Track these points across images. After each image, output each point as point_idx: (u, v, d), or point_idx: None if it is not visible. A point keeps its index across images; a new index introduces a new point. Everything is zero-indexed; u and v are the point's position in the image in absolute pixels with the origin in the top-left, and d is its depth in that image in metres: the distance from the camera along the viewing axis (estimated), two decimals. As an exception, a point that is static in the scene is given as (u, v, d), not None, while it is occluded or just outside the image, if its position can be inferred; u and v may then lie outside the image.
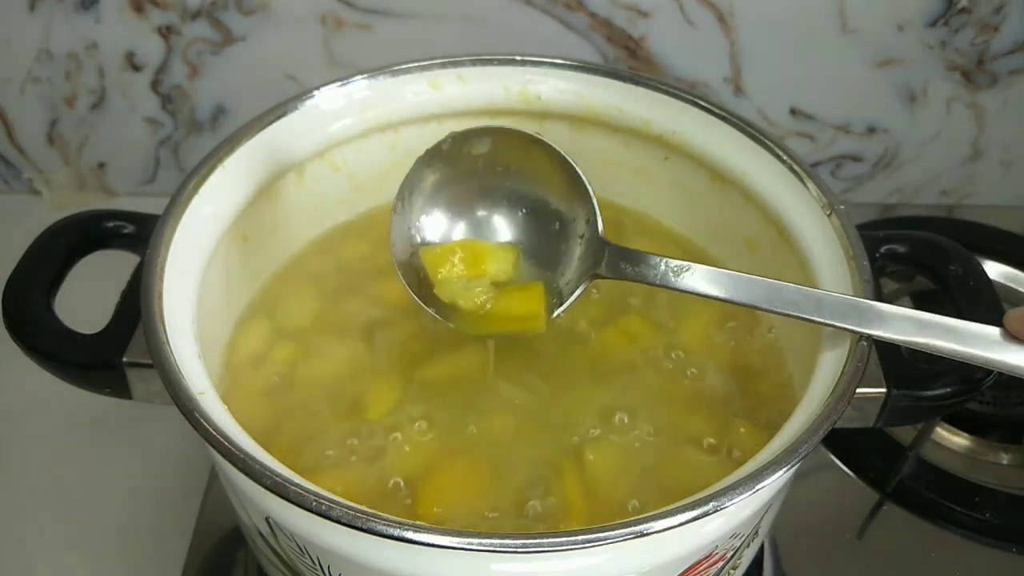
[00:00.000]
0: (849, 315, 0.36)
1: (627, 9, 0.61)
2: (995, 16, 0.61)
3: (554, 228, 0.41)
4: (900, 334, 0.36)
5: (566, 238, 0.40)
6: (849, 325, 0.36)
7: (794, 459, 0.33)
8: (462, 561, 0.31)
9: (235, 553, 0.49)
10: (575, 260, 0.39)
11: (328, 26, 0.62)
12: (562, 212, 0.40)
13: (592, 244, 0.39)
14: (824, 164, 0.70)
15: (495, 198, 0.41)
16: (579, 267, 0.39)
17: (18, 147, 0.69)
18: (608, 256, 0.38)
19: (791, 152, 0.44)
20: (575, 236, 0.40)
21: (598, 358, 0.44)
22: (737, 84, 0.65)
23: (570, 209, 0.40)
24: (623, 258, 0.38)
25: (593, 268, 0.38)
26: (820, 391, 0.36)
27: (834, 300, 0.37)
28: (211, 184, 0.41)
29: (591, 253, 0.38)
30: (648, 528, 0.30)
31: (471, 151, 0.40)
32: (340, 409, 0.42)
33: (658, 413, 0.42)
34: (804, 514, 0.51)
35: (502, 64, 0.49)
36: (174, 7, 0.61)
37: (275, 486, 0.31)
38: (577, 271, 0.39)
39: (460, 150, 0.40)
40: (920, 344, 0.35)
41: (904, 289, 0.61)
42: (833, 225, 0.41)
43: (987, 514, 0.52)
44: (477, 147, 0.40)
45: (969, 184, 0.72)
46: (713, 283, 0.37)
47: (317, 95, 0.46)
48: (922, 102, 0.66)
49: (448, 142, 0.40)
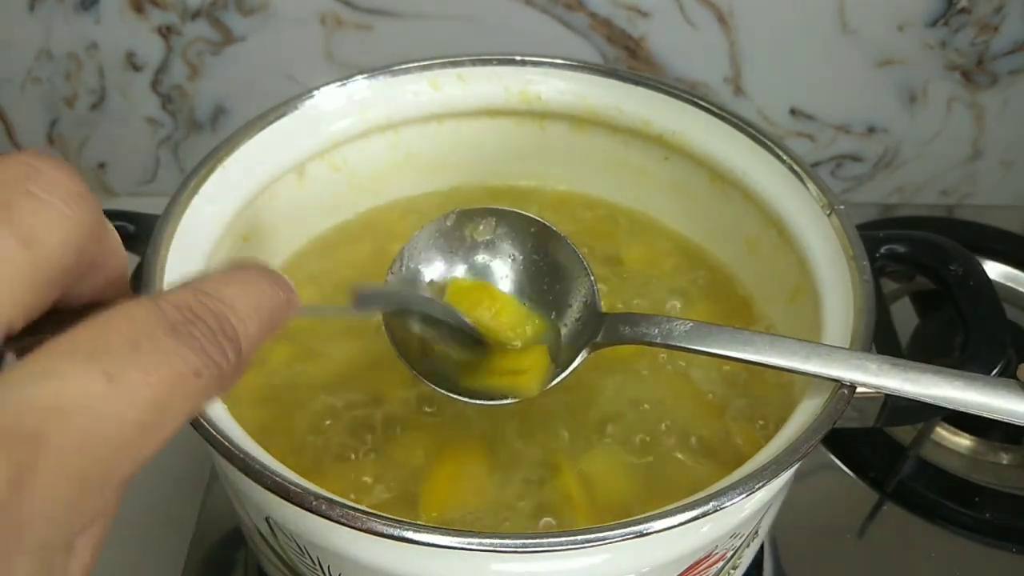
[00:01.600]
0: (855, 371, 0.35)
1: (627, 9, 0.61)
2: (995, 16, 0.61)
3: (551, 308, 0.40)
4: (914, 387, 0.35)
5: (562, 316, 0.40)
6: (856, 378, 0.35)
7: (794, 459, 0.33)
8: (462, 561, 0.31)
9: (235, 553, 0.49)
10: (573, 336, 0.39)
11: (328, 26, 0.62)
12: (560, 292, 0.40)
13: (590, 319, 0.39)
14: (824, 164, 0.70)
15: (493, 277, 0.41)
16: (577, 342, 0.38)
17: (18, 147, 0.69)
18: (606, 325, 0.38)
19: (791, 152, 0.44)
20: (573, 314, 0.39)
21: (598, 358, 0.44)
22: (737, 84, 0.65)
23: (569, 289, 0.40)
24: (622, 322, 0.38)
25: (591, 340, 0.38)
26: (821, 390, 0.36)
27: (839, 355, 0.35)
28: (211, 184, 0.41)
29: (589, 328, 0.38)
30: (648, 528, 0.30)
31: (473, 234, 0.40)
32: (340, 409, 0.42)
33: (658, 413, 0.42)
34: (804, 514, 0.51)
35: (502, 64, 0.49)
36: (174, 7, 0.61)
37: (275, 486, 0.31)
38: (575, 346, 0.38)
39: (463, 230, 0.40)
40: (935, 398, 0.34)
41: (904, 289, 0.61)
42: (833, 225, 0.41)
43: (987, 514, 0.52)
44: (480, 230, 0.40)
45: (969, 184, 0.72)
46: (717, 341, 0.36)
47: (317, 95, 0.46)
48: (922, 102, 0.66)
49: (452, 219, 0.40)
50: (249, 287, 0.22)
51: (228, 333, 0.20)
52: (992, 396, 0.34)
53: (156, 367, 0.18)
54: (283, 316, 0.24)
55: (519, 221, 0.40)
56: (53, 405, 0.16)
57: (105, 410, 0.17)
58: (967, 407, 0.34)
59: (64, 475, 0.17)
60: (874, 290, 0.38)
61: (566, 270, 0.40)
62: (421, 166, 0.51)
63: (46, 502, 0.16)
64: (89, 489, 0.17)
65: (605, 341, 0.38)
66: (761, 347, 0.36)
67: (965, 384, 0.34)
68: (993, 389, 0.34)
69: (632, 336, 0.37)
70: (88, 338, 0.18)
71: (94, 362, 0.17)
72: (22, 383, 0.17)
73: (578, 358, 0.38)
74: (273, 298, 0.23)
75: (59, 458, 0.16)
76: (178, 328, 0.19)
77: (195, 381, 0.19)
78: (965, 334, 0.41)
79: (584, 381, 0.43)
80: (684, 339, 0.36)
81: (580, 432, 0.41)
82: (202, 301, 0.20)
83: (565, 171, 0.52)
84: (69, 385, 0.17)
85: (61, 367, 0.17)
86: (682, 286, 0.48)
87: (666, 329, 0.37)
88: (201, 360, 0.19)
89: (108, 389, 0.17)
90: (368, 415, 0.41)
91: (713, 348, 0.36)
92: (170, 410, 0.18)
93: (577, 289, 0.39)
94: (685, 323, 0.36)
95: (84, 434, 0.17)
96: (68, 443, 0.17)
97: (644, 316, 0.37)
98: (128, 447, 0.18)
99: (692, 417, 0.42)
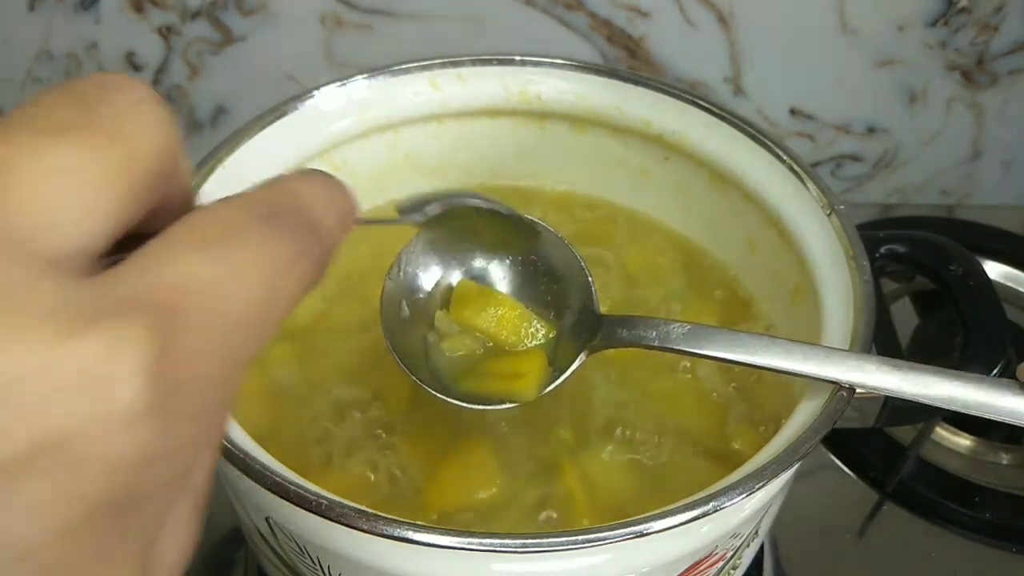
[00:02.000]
0: (852, 372, 0.35)
1: (627, 9, 0.61)
2: (995, 16, 0.61)
3: (549, 309, 0.40)
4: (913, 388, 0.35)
5: (560, 317, 0.40)
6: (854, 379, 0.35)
7: (794, 459, 0.33)
8: (462, 561, 0.31)
9: (235, 553, 0.49)
10: (571, 338, 0.39)
11: (328, 26, 0.62)
12: (559, 294, 0.40)
13: (588, 321, 0.38)
14: (824, 164, 0.70)
15: (491, 280, 0.41)
16: (575, 344, 0.38)
17: (18, 147, 0.69)
18: (604, 327, 0.38)
19: (791, 152, 0.44)
20: (571, 316, 0.39)
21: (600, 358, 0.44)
22: (737, 84, 0.65)
23: (567, 291, 0.40)
24: (619, 325, 0.38)
25: (588, 342, 0.38)
26: (820, 391, 0.36)
27: (836, 357, 0.35)
28: (211, 184, 0.41)
29: (586, 329, 0.38)
30: (648, 528, 0.30)
31: (471, 236, 0.40)
32: (340, 409, 0.42)
33: (657, 413, 0.42)
34: (804, 514, 0.51)
35: (502, 64, 0.49)
36: (174, 7, 0.61)
37: (275, 486, 0.31)
38: (574, 348, 0.38)
39: (460, 232, 0.39)
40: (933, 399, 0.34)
41: (904, 289, 0.61)
42: (833, 225, 0.41)
43: (987, 514, 0.52)
44: (478, 233, 0.39)
45: (969, 184, 0.72)
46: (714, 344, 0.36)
47: (317, 95, 0.46)
48: (922, 102, 0.66)
49: (451, 217, 0.39)
50: (321, 186, 0.23)
51: (312, 224, 0.21)
52: (991, 396, 0.34)
53: (257, 251, 0.18)
54: (352, 218, 0.25)
55: (517, 223, 0.40)
56: (181, 284, 0.17)
57: (224, 289, 0.17)
58: (967, 407, 0.34)
59: (205, 348, 0.17)
60: (874, 290, 0.38)
61: (564, 272, 0.40)
62: (421, 166, 0.51)
63: (194, 378, 0.17)
64: (226, 367, 0.18)
65: (603, 344, 0.38)
66: (758, 349, 0.36)
67: (964, 384, 0.34)
68: (992, 389, 0.34)
69: (630, 339, 0.37)
70: (186, 232, 0.18)
71: (200, 250, 0.18)
72: (144, 269, 0.17)
73: (576, 361, 0.38)
74: (343, 199, 0.25)
75: (200, 332, 0.17)
76: (268, 219, 0.19)
77: (295, 264, 0.19)
78: (965, 334, 0.41)
79: (586, 381, 0.43)
80: (681, 342, 0.36)
81: (581, 432, 0.41)
82: (284, 196, 0.21)
83: (565, 171, 0.52)
84: (188, 269, 0.17)
85: (172, 255, 0.17)
86: (682, 286, 0.48)
87: (664, 332, 0.37)
88: (296, 246, 0.20)
89: (221, 270, 0.18)
90: (368, 414, 0.41)
91: (710, 351, 0.36)
92: (279, 292, 0.19)
93: (575, 291, 0.39)
94: (683, 326, 0.36)
95: (216, 312, 0.17)
96: (205, 317, 0.17)
97: (642, 319, 0.37)
98: (250, 326, 0.18)
99: (693, 417, 0.42)
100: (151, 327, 0.16)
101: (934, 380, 0.34)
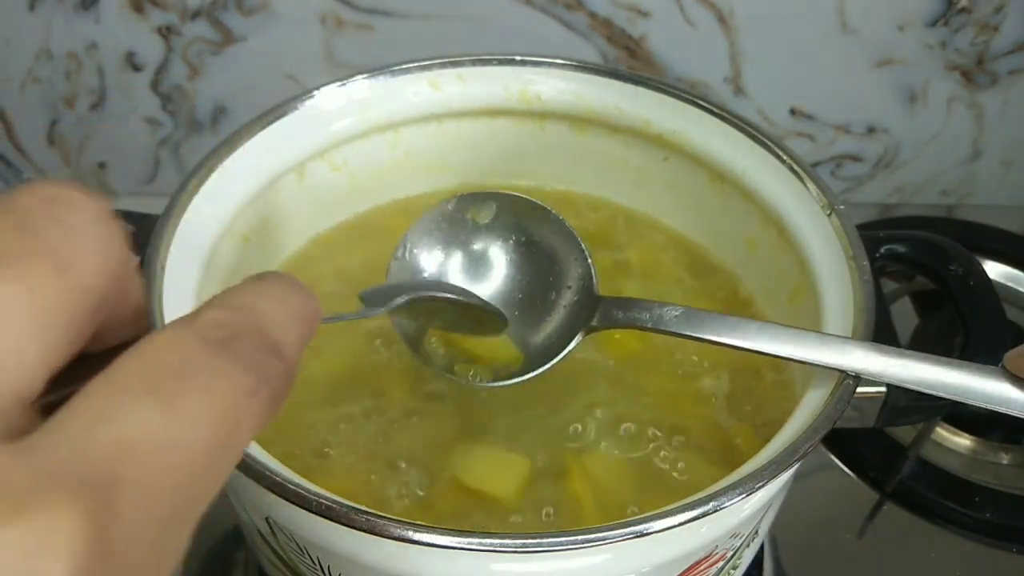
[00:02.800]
0: (844, 357, 0.35)
1: (627, 9, 0.61)
2: (995, 16, 0.61)
3: (550, 289, 0.41)
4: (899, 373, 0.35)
5: (560, 297, 0.40)
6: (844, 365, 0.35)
7: (794, 459, 0.33)
8: (462, 561, 0.31)
9: (235, 553, 0.49)
10: (569, 318, 0.39)
11: (328, 26, 0.62)
12: (559, 274, 0.41)
13: (586, 301, 0.39)
14: (824, 164, 0.70)
15: (493, 259, 0.41)
16: (572, 324, 0.39)
17: (18, 147, 0.69)
18: (601, 308, 0.39)
19: (791, 152, 0.44)
20: (570, 296, 0.40)
21: (598, 359, 0.44)
22: (737, 84, 0.65)
23: (567, 271, 0.40)
24: (616, 306, 0.38)
25: (586, 322, 0.38)
26: (820, 391, 0.36)
27: (828, 341, 0.36)
28: (211, 184, 0.41)
29: (584, 309, 0.39)
30: (648, 528, 0.30)
31: (475, 217, 0.41)
32: (341, 409, 0.42)
33: (658, 413, 0.42)
34: (804, 514, 0.51)
35: (502, 64, 0.49)
36: (174, 7, 0.61)
37: (275, 486, 0.31)
38: (571, 327, 0.39)
39: (464, 214, 0.41)
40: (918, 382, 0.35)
41: (904, 289, 0.61)
42: (833, 225, 0.41)
43: (987, 514, 0.52)
44: (481, 214, 0.41)
45: (969, 184, 0.72)
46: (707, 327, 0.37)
47: (317, 95, 0.46)
48: (922, 102, 0.66)
49: (453, 203, 0.40)
50: (278, 297, 0.21)
51: (271, 345, 0.19)
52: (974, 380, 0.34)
53: (211, 390, 0.17)
54: (315, 326, 0.22)
55: (520, 204, 0.41)
56: (123, 444, 0.15)
57: (172, 443, 0.16)
58: (947, 391, 0.34)
59: (147, 520, 0.15)
60: (874, 290, 0.38)
61: (565, 252, 0.40)
62: (421, 166, 0.51)
63: (134, 555, 0.15)
64: (172, 531, 0.16)
65: (600, 325, 0.38)
66: (750, 333, 0.36)
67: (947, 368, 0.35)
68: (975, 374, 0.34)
69: (625, 320, 0.38)
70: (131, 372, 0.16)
71: (147, 395, 0.16)
72: (78, 428, 0.15)
73: (573, 341, 0.38)
74: (304, 306, 0.21)
75: (143, 501, 0.15)
76: (223, 347, 0.17)
77: (252, 398, 0.18)
78: (965, 334, 0.41)
79: (587, 380, 0.43)
80: (675, 324, 0.37)
81: (583, 431, 0.41)
82: (237, 316, 0.19)
83: (565, 171, 0.52)
84: (128, 423, 0.15)
85: (113, 406, 0.16)
86: (682, 286, 0.48)
87: (657, 314, 0.37)
88: (253, 376, 0.18)
89: (169, 420, 0.16)
90: (369, 414, 0.41)
91: (703, 334, 0.36)
92: (234, 432, 0.17)
93: (575, 271, 0.40)
94: (676, 308, 0.37)
95: (161, 473, 0.16)
96: (145, 483, 0.15)
97: (637, 301, 0.38)
98: (202, 478, 0.17)
99: (693, 417, 0.42)
100: (84, 512, 0.14)
101: (916, 364, 0.35)
